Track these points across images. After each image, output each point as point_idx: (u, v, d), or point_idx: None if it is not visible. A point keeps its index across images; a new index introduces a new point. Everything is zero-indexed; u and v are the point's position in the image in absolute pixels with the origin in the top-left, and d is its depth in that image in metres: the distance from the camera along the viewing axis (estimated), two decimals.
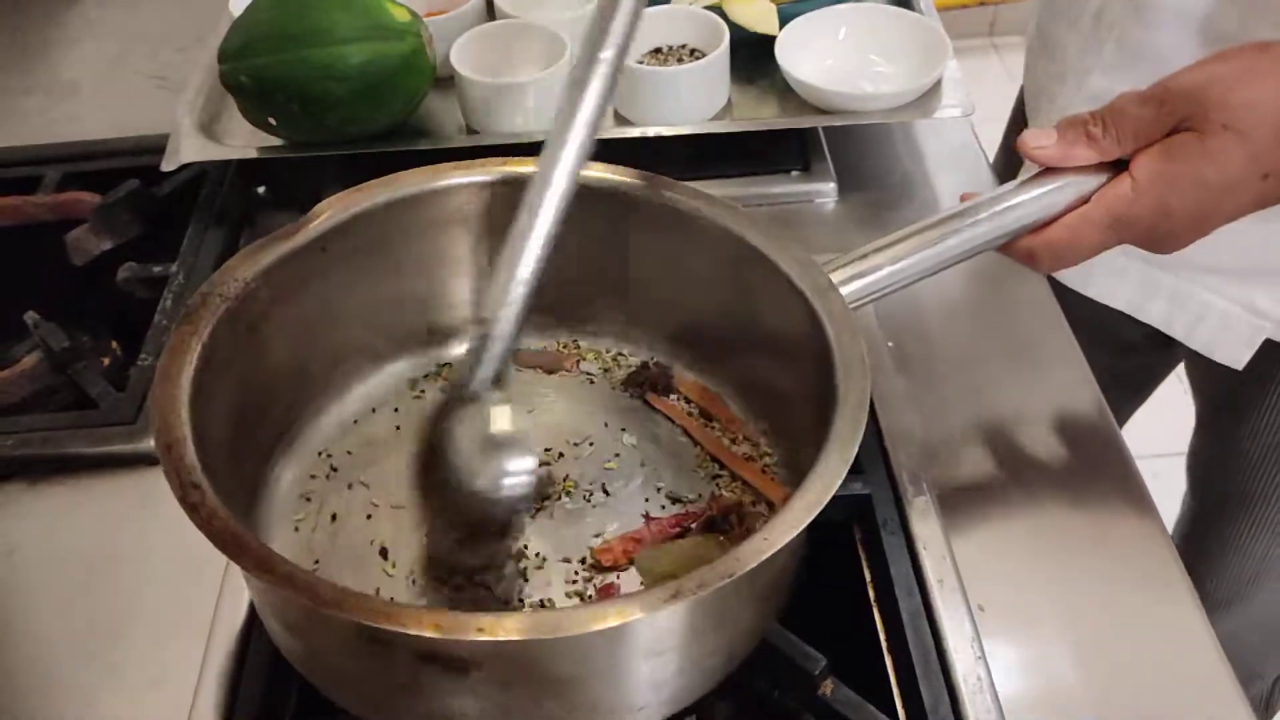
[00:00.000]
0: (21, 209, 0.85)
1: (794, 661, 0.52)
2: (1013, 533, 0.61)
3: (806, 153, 0.83)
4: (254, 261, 0.55)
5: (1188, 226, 0.52)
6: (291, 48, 0.72)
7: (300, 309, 0.57)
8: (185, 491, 0.44)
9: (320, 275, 0.58)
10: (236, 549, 0.42)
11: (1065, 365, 0.70)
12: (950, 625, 0.55)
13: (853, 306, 0.54)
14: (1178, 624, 0.57)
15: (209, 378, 0.50)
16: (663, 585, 0.40)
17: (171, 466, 0.45)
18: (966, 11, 2.58)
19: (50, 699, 0.57)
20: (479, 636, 0.39)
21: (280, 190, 0.86)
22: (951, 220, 0.55)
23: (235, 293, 0.53)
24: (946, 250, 0.55)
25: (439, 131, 0.81)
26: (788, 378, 0.57)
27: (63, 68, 1.04)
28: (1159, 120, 0.51)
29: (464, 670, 0.42)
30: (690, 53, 0.82)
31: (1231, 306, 0.75)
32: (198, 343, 0.50)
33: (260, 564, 0.41)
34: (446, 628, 0.39)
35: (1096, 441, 0.65)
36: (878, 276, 0.55)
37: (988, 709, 0.52)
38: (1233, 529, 0.89)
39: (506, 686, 0.44)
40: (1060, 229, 0.54)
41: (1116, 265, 0.79)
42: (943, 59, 0.77)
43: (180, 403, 0.48)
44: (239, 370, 0.54)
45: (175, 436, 0.46)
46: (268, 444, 0.59)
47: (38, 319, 0.73)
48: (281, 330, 0.57)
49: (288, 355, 0.58)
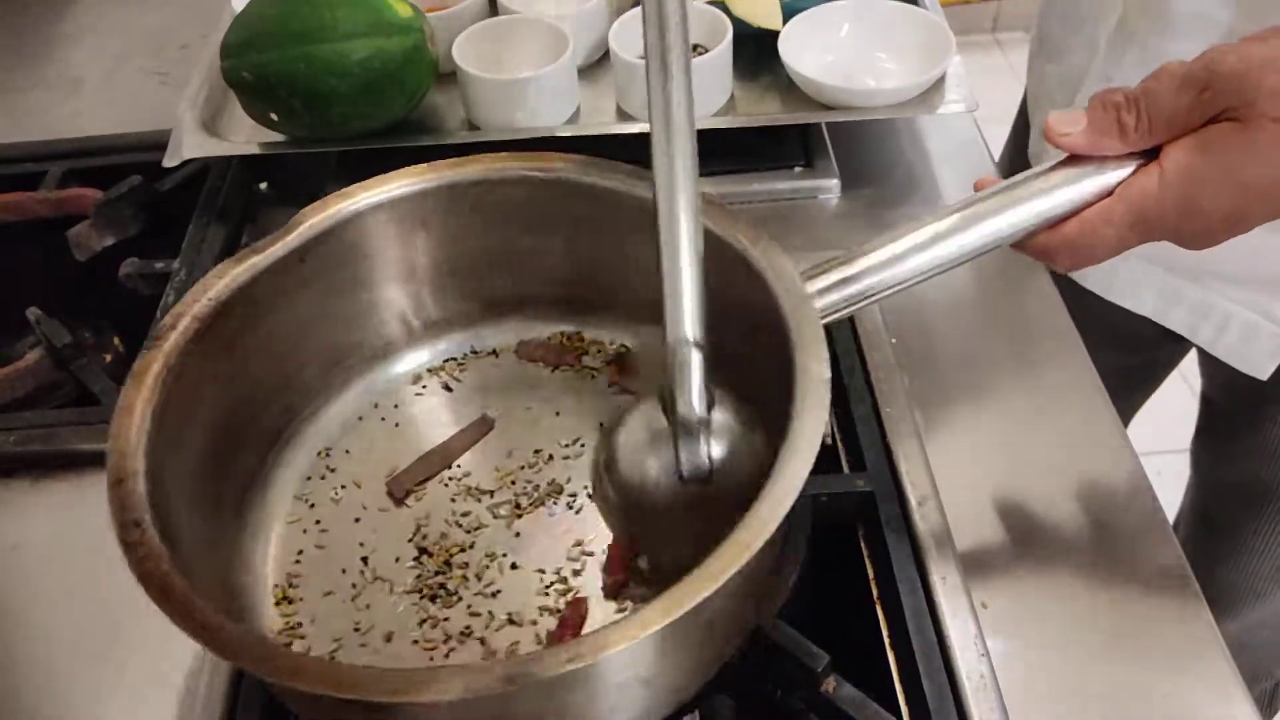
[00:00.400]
0: (24, 205, 0.85)
1: (797, 659, 0.52)
2: (1016, 530, 0.61)
3: (809, 149, 0.83)
4: (228, 278, 0.54)
5: (1220, 227, 0.48)
6: (293, 44, 0.72)
7: (284, 319, 0.57)
8: (125, 531, 0.44)
9: (302, 285, 0.58)
10: (162, 594, 0.42)
11: (1070, 362, 0.69)
12: (953, 623, 0.55)
13: (852, 309, 0.52)
14: (1183, 621, 0.56)
15: (180, 397, 0.50)
16: (628, 620, 0.40)
17: (117, 503, 0.46)
18: (970, 7, 2.57)
19: (53, 696, 0.57)
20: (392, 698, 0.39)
21: (282, 186, 0.86)
22: (962, 214, 0.51)
23: (206, 312, 0.53)
24: (955, 250, 0.51)
25: (441, 127, 0.81)
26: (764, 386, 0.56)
27: (65, 64, 1.04)
28: (1198, 108, 0.46)
29: None
30: (693, 48, 0.82)
31: (1255, 317, 0.74)
32: (162, 368, 0.50)
33: (180, 611, 0.42)
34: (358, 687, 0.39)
35: (1101, 438, 0.65)
36: (881, 278, 0.51)
37: (991, 707, 0.52)
38: (1247, 524, 0.89)
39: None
40: (1080, 226, 0.49)
41: (1138, 273, 0.78)
42: (947, 54, 0.77)
43: (136, 435, 0.48)
44: (219, 384, 0.54)
45: (127, 471, 0.46)
46: (263, 447, 0.60)
47: (40, 315, 0.73)
48: (266, 342, 0.57)
49: (275, 364, 0.58)
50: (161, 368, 0.50)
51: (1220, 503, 0.93)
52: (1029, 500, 0.62)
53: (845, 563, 0.61)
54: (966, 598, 0.56)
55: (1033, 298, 0.74)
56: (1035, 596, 0.57)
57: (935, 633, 0.55)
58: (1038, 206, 0.49)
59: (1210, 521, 0.95)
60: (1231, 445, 0.89)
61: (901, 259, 0.51)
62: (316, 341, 0.61)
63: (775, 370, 0.50)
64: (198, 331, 0.52)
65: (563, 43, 0.79)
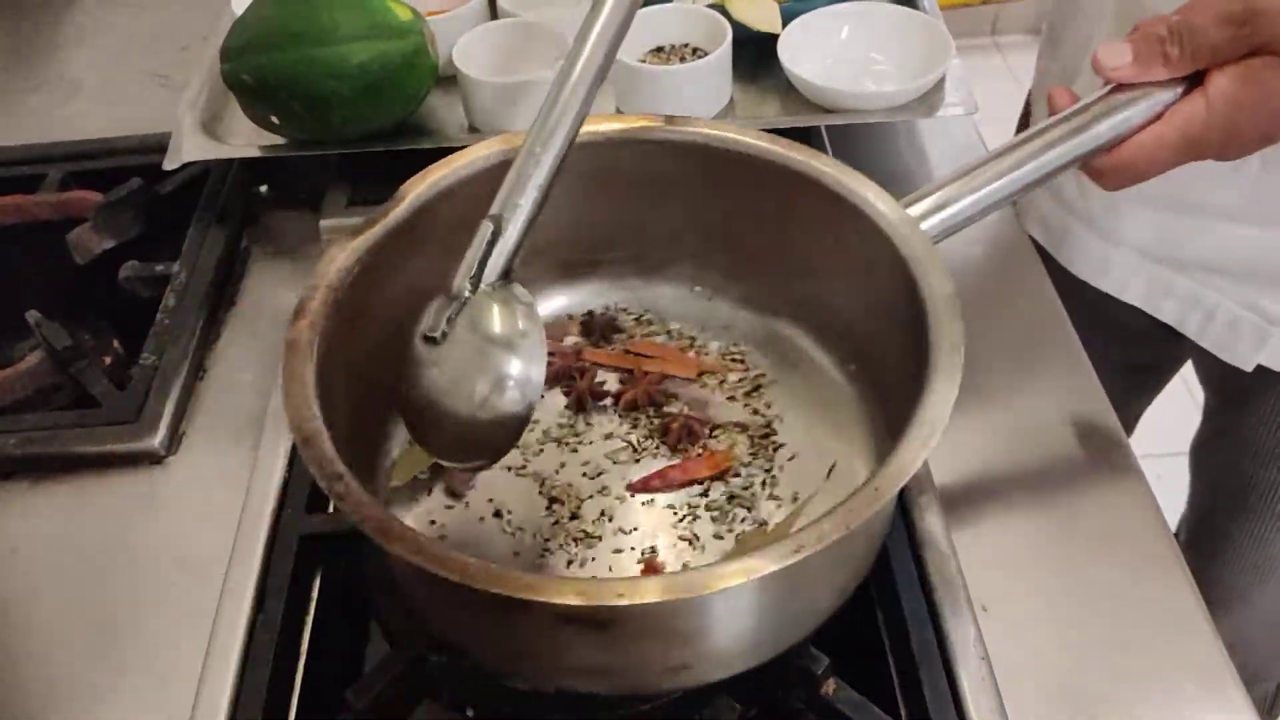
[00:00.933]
0: (24, 208, 0.85)
1: (796, 661, 0.52)
2: (1016, 532, 0.61)
3: None
4: (351, 249, 0.55)
5: (1253, 146, 0.53)
6: (294, 46, 0.72)
7: (397, 289, 0.58)
8: (330, 484, 0.45)
9: (411, 254, 0.58)
10: (385, 535, 0.43)
11: (1068, 362, 0.70)
12: (953, 625, 0.55)
13: (950, 233, 0.55)
14: (1182, 624, 0.57)
15: (327, 368, 0.51)
16: (787, 539, 0.42)
17: (314, 460, 0.46)
18: (969, 10, 2.57)
19: (54, 698, 0.57)
20: (619, 601, 0.41)
21: (282, 189, 0.86)
22: (1026, 144, 0.55)
23: (339, 282, 0.54)
24: (1023, 176, 0.54)
25: (441, 130, 0.81)
26: (871, 317, 0.59)
27: (65, 67, 1.04)
28: (1237, 41, 0.50)
29: (603, 627, 0.45)
30: (692, 51, 0.82)
31: (1240, 309, 0.75)
32: (315, 335, 0.51)
33: (410, 548, 0.43)
34: (590, 595, 0.41)
35: (1100, 439, 0.65)
36: (960, 207, 0.55)
37: (991, 709, 0.52)
38: (1240, 523, 0.89)
39: (638, 639, 0.46)
40: (1133, 149, 0.53)
41: (1130, 263, 0.79)
42: (946, 57, 0.77)
43: (309, 397, 0.48)
44: (346, 356, 0.54)
45: (311, 430, 0.47)
46: (381, 423, 0.61)
47: (39, 318, 0.73)
48: (383, 312, 0.57)
49: (390, 335, 0.58)
50: (311, 335, 0.51)
51: (1211, 502, 0.94)
52: (1029, 502, 0.62)
53: None
54: (966, 600, 0.56)
55: (1030, 297, 0.74)
56: (1035, 599, 0.58)
57: (935, 635, 0.55)
58: (1096, 131, 0.54)
59: (1204, 521, 0.95)
60: (1225, 443, 0.89)
61: (989, 181, 0.55)
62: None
63: (889, 303, 0.54)
64: (335, 301, 0.53)
65: (562, 46, 0.79)
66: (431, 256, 0.58)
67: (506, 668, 0.51)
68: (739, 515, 0.58)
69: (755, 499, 0.59)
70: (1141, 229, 0.77)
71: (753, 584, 0.42)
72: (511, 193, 0.53)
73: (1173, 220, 0.75)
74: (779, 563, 0.41)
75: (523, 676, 0.52)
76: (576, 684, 0.50)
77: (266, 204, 0.85)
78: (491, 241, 0.52)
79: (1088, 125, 0.54)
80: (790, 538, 0.42)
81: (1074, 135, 0.54)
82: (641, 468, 0.60)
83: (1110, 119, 0.53)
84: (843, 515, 0.42)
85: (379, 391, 0.58)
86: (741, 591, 0.43)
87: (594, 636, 0.45)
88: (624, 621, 0.44)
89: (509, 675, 0.53)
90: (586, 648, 0.46)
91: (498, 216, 0.52)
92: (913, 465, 0.44)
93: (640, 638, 0.46)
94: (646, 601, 0.41)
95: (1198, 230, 0.74)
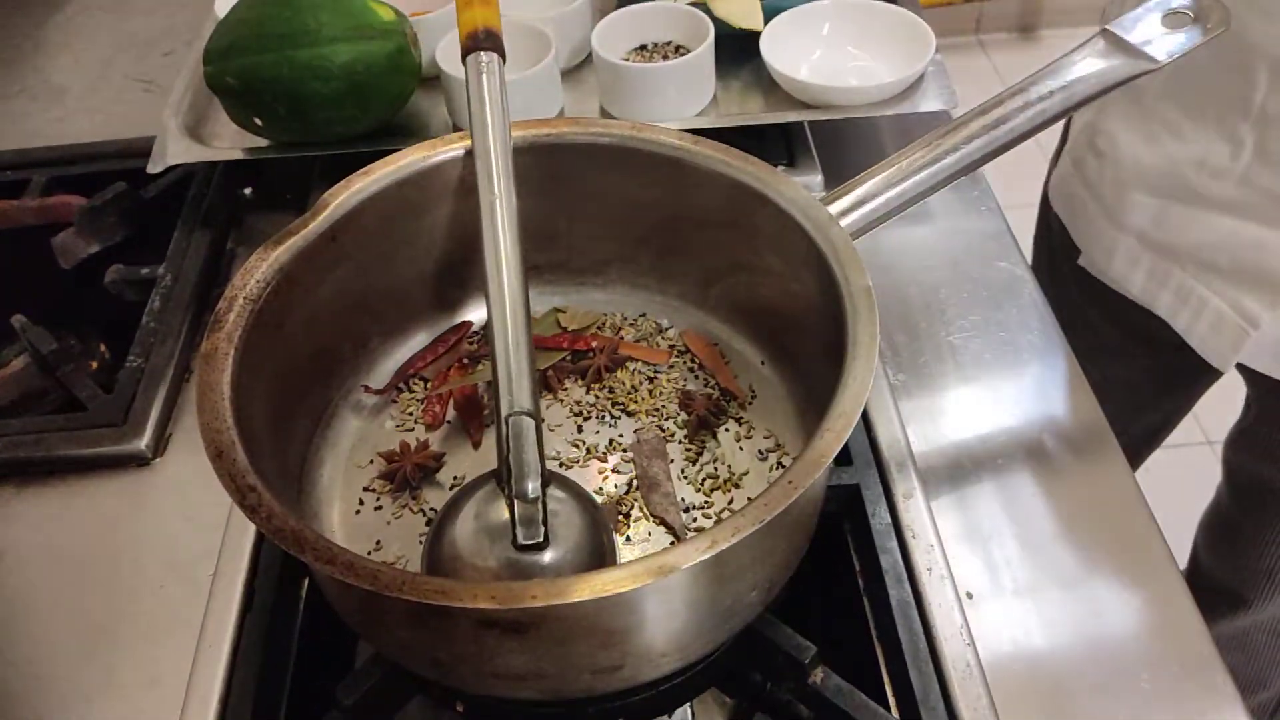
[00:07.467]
0: (8, 213, 0.85)
1: (785, 651, 0.52)
2: (1001, 521, 0.61)
3: (792, 148, 0.83)
4: (270, 260, 0.55)
5: None
6: (276, 48, 0.72)
7: (321, 298, 0.58)
8: (243, 495, 0.45)
9: (335, 263, 0.58)
10: (298, 545, 0.43)
11: (1053, 358, 0.70)
12: (939, 613, 0.55)
13: (871, 227, 0.55)
14: (1167, 615, 0.57)
15: (245, 380, 0.51)
16: (699, 538, 0.42)
17: (224, 471, 0.46)
18: (953, 9, 2.59)
19: (43, 701, 0.57)
20: (534, 603, 0.40)
21: (267, 191, 0.86)
22: (945, 139, 0.55)
23: (258, 293, 0.54)
24: (943, 169, 0.55)
25: (425, 130, 0.81)
26: (797, 317, 0.59)
27: (49, 72, 1.04)
28: None
29: (522, 631, 0.44)
30: (675, 49, 0.82)
31: (1224, 307, 0.76)
32: (231, 347, 0.51)
33: (321, 557, 0.42)
34: (501, 598, 0.41)
35: (1085, 433, 0.66)
36: (879, 202, 0.55)
37: (978, 695, 0.52)
38: (1258, 521, 0.90)
39: (562, 642, 0.46)
40: None
41: (1132, 248, 0.81)
42: (926, 52, 0.78)
43: (223, 409, 0.48)
44: (271, 367, 0.54)
45: (224, 442, 0.47)
46: (308, 431, 0.60)
47: (25, 322, 0.73)
48: (306, 322, 0.57)
49: (315, 344, 0.59)
50: (227, 347, 0.51)
51: (1234, 499, 0.94)
52: (1013, 492, 0.62)
53: (832, 556, 0.61)
54: (952, 588, 0.57)
55: (1015, 294, 0.74)
56: (1021, 586, 0.58)
57: (921, 623, 0.55)
58: (1018, 122, 0.55)
59: (1223, 517, 0.96)
60: (1247, 444, 0.89)
61: (908, 176, 0.55)
62: (353, 322, 0.62)
63: (809, 298, 0.54)
64: (254, 312, 0.53)
65: (546, 45, 0.79)
66: (355, 263, 0.59)
67: (435, 675, 0.50)
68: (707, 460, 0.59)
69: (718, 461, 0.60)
70: (1142, 213, 0.78)
71: (673, 581, 0.41)
72: (514, 382, 0.50)
73: (1171, 207, 0.76)
74: (692, 559, 0.41)
75: (457, 682, 0.51)
76: (509, 690, 0.48)
77: (251, 206, 0.85)
78: (538, 433, 0.49)
79: (1006, 118, 0.55)
80: (704, 533, 0.42)
81: (992, 129, 0.55)
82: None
83: (1026, 113, 0.55)
84: (757, 509, 0.42)
85: (308, 397, 0.59)
86: (660, 589, 0.43)
87: (516, 641, 0.44)
88: (543, 624, 0.43)
89: (445, 680, 0.52)
90: (511, 653, 0.45)
91: (531, 411, 0.49)
92: (828, 455, 0.44)
93: (564, 640, 0.45)
94: (562, 602, 0.40)
95: (1192, 220, 0.75)
